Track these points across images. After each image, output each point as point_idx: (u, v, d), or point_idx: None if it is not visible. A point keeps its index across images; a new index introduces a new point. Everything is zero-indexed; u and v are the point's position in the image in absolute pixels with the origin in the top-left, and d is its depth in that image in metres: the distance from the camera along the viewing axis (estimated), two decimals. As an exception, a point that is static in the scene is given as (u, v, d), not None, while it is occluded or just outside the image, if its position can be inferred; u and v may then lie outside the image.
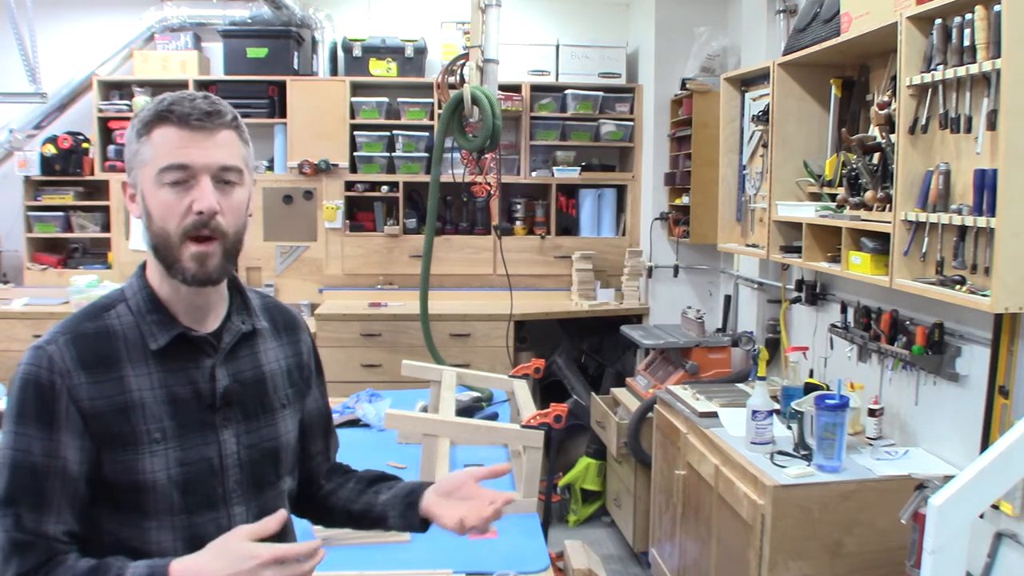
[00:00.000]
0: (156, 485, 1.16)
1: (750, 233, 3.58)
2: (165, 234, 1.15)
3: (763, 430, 2.65)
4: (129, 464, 1.15)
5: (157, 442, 1.16)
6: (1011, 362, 2.25)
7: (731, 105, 3.64)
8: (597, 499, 4.27)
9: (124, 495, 1.16)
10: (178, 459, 1.18)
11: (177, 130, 1.15)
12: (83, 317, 1.20)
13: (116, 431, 1.14)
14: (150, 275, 1.23)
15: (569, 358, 4.75)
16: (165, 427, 1.17)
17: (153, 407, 1.17)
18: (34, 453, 1.11)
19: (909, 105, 2.37)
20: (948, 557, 1.49)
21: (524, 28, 4.92)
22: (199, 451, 1.20)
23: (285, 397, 1.33)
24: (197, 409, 1.20)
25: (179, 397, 1.19)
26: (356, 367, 4.33)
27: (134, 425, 1.15)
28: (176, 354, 1.20)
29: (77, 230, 4.72)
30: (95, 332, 1.18)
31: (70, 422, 1.12)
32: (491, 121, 3.37)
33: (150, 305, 1.20)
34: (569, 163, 4.86)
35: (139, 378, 1.17)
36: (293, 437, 1.35)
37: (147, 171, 1.16)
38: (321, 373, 1.47)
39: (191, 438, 1.19)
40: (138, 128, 1.18)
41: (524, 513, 2.25)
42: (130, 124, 1.20)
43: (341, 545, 2.04)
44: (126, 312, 1.20)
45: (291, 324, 1.40)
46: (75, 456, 1.12)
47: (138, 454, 1.15)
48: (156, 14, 4.67)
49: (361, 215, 4.85)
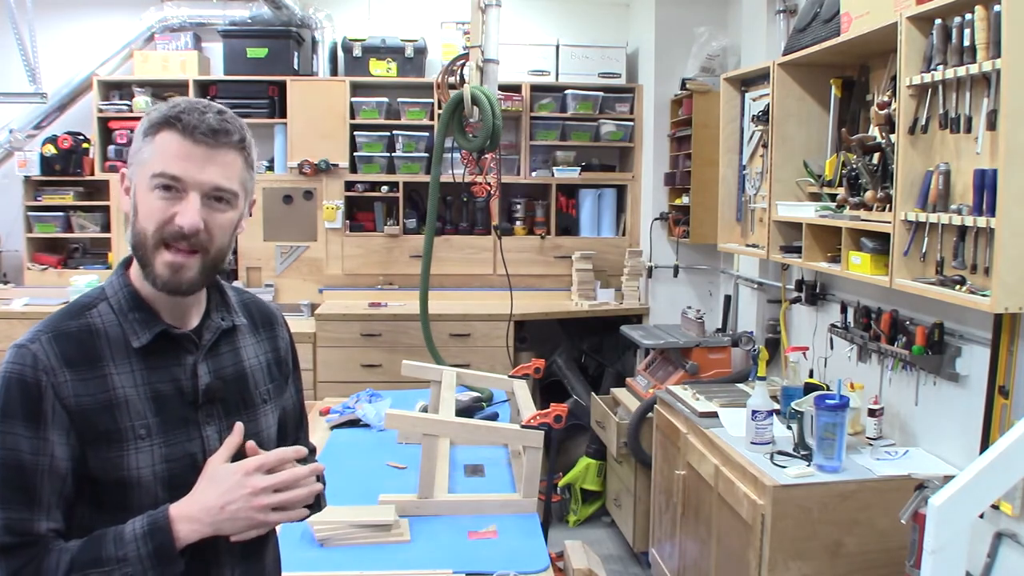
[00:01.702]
0: (141, 481, 1.16)
1: (750, 233, 3.58)
2: (144, 235, 1.16)
3: (763, 430, 2.65)
4: (115, 461, 1.15)
5: (142, 438, 1.16)
6: (1011, 362, 2.25)
7: (731, 105, 3.64)
8: (597, 499, 4.27)
9: (108, 492, 1.16)
10: (163, 455, 1.18)
11: (180, 139, 1.15)
12: (64, 316, 1.19)
13: (101, 428, 1.14)
14: (132, 273, 1.23)
15: (569, 358, 4.75)
16: (149, 424, 1.17)
17: (137, 404, 1.17)
18: (22, 451, 1.10)
19: (909, 105, 2.37)
20: (948, 557, 1.49)
21: (524, 28, 4.92)
22: (183, 447, 1.20)
23: (266, 392, 1.34)
24: (180, 406, 1.21)
25: (162, 394, 1.20)
26: (356, 367, 4.33)
27: (119, 422, 1.15)
28: (158, 352, 1.20)
29: (77, 230, 4.72)
30: (78, 330, 1.17)
31: (56, 419, 1.12)
32: (491, 121, 3.37)
33: (132, 303, 1.21)
34: (569, 163, 4.86)
35: (122, 375, 1.17)
36: (274, 432, 1.37)
37: (143, 171, 1.16)
38: (297, 366, 1.48)
39: (175, 434, 1.20)
40: (145, 127, 1.18)
41: (524, 513, 2.26)
42: (142, 118, 1.21)
43: (341, 545, 2.04)
44: (108, 311, 1.20)
45: (269, 319, 1.40)
46: (62, 453, 1.12)
47: (123, 451, 1.15)
48: (156, 14, 4.67)
49: (361, 215, 4.85)
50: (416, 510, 2.22)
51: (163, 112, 1.17)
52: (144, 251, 1.16)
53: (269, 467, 1.17)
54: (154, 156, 1.15)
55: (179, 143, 1.15)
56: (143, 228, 1.16)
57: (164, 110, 1.17)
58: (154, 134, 1.16)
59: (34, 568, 1.09)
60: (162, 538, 1.11)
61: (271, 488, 1.16)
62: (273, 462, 1.18)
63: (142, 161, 1.17)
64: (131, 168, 1.20)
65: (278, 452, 1.20)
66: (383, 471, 2.54)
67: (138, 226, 1.17)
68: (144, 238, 1.16)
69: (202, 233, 1.16)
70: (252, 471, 1.16)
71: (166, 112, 1.16)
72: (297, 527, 2.04)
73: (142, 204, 1.16)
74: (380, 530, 2.08)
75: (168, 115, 1.16)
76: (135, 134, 1.20)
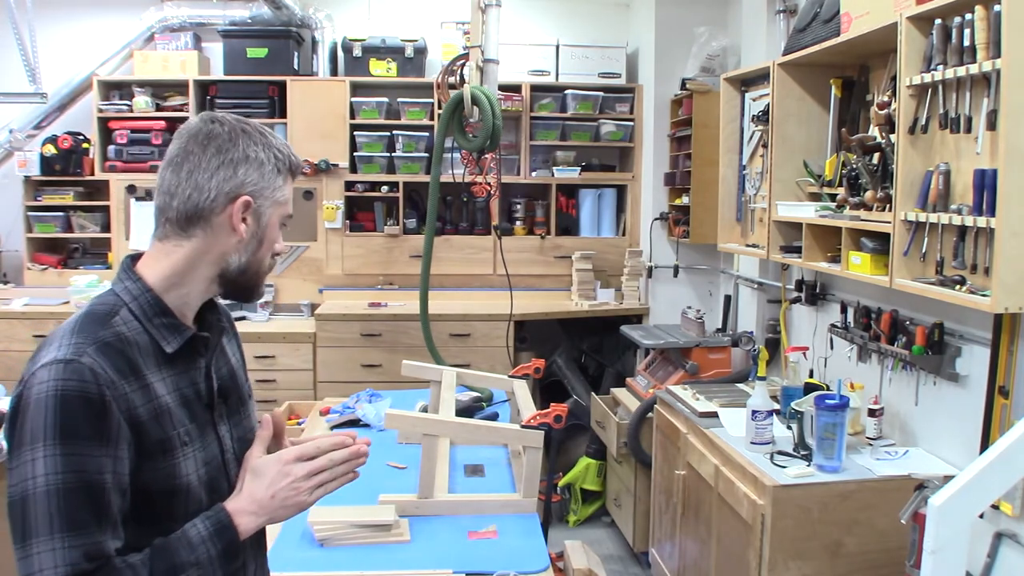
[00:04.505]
0: (190, 488, 1.17)
1: (750, 233, 3.58)
2: (262, 263, 1.28)
3: (763, 430, 2.65)
4: (168, 470, 1.15)
5: (186, 444, 1.18)
6: (1011, 362, 2.25)
7: (731, 105, 3.64)
8: (597, 499, 4.27)
9: (158, 502, 1.15)
10: (202, 459, 1.21)
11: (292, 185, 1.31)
12: (94, 325, 1.14)
13: (155, 438, 1.13)
14: (151, 279, 1.20)
15: (569, 358, 4.75)
16: (189, 429, 1.19)
17: (176, 411, 1.17)
18: (90, 472, 1.06)
19: (909, 105, 2.37)
20: (948, 557, 1.49)
21: (524, 28, 4.92)
22: (211, 449, 1.23)
23: (249, 387, 1.40)
24: (201, 409, 1.23)
25: (188, 399, 1.21)
26: (356, 367, 4.34)
27: (167, 430, 1.15)
28: (181, 357, 1.21)
29: (77, 230, 4.72)
30: (115, 340, 1.14)
31: (122, 434, 1.09)
32: (491, 121, 3.37)
33: (156, 309, 1.19)
34: (569, 163, 4.86)
35: (157, 384, 1.16)
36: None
37: (281, 210, 1.28)
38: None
39: (205, 438, 1.22)
40: (284, 168, 1.27)
41: (524, 513, 2.26)
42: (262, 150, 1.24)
43: (341, 545, 2.04)
44: (130, 318, 1.17)
45: (230, 317, 1.43)
46: (124, 468, 1.10)
47: (175, 459, 1.16)
48: (156, 14, 4.67)
49: (361, 215, 4.85)
50: (416, 510, 2.22)
51: (291, 159, 1.28)
52: (259, 276, 1.29)
53: (307, 456, 1.23)
54: (288, 199, 1.29)
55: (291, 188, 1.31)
56: (264, 256, 1.28)
57: (290, 154, 1.28)
58: (288, 177, 1.28)
59: None
60: (230, 536, 1.17)
61: (311, 473, 1.23)
62: (311, 452, 1.24)
63: (281, 201, 1.27)
64: (260, 202, 1.24)
65: (316, 442, 1.26)
66: (383, 471, 2.54)
67: (260, 254, 1.27)
68: (261, 265, 1.28)
69: None
70: (291, 460, 1.22)
71: (292, 159, 1.29)
72: (297, 527, 2.04)
73: (271, 237, 1.28)
74: (380, 530, 2.08)
75: (294, 165, 1.29)
76: (264, 168, 1.24)
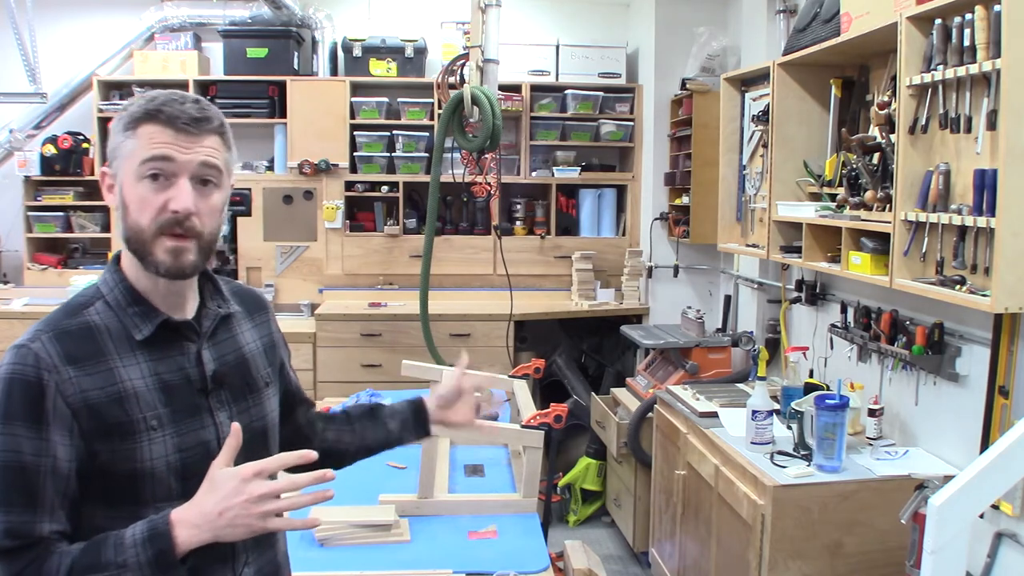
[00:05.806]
0: (155, 472, 1.17)
1: (750, 233, 3.58)
2: (139, 228, 1.17)
3: (763, 430, 2.65)
4: (127, 453, 1.15)
5: (154, 429, 1.17)
6: (1011, 362, 2.25)
7: (731, 105, 3.64)
8: (597, 499, 4.27)
9: (121, 486, 1.16)
10: (176, 445, 1.19)
11: (163, 129, 1.16)
12: (62, 315, 1.20)
13: (112, 421, 1.14)
14: (126, 268, 1.24)
15: (569, 358, 4.75)
16: (160, 414, 1.18)
17: (146, 396, 1.17)
18: (23, 452, 1.10)
19: (909, 105, 2.37)
20: (948, 557, 1.49)
21: (524, 28, 4.92)
22: (196, 436, 1.21)
23: (267, 375, 1.37)
24: (190, 394, 1.22)
25: (170, 384, 1.20)
26: (356, 367, 4.33)
27: (130, 414, 1.15)
28: (160, 343, 1.21)
29: (77, 230, 4.72)
30: (77, 328, 1.18)
31: (58, 418, 1.12)
32: (491, 121, 3.37)
33: (129, 298, 1.22)
34: (569, 163, 4.86)
35: (128, 368, 1.17)
36: (277, 414, 1.39)
37: (129, 163, 1.17)
38: (287, 346, 1.52)
39: (187, 424, 1.21)
40: (125, 122, 1.18)
41: (524, 513, 2.26)
42: (117, 116, 1.21)
43: (341, 545, 2.04)
44: (105, 308, 1.21)
45: (260, 305, 1.43)
46: (64, 454, 1.12)
47: (136, 442, 1.15)
48: (156, 14, 4.67)
49: (361, 215, 4.85)
50: (416, 510, 2.22)
51: (142, 106, 1.17)
52: (142, 243, 1.18)
53: (269, 472, 1.13)
54: (139, 147, 1.16)
55: (163, 133, 1.16)
56: (136, 220, 1.17)
57: (143, 104, 1.18)
58: (135, 128, 1.17)
59: (34, 571, 1.08)
60: (162, 544, 1.08)
61: (270, 495, 1.10)
62: (274, 467, 1.14)
63: (126, 154, 1.17)
64: (113, 164, 1.20)
65: (279, 457, 1.16)
66: (383, 471, 2.54)
67: (131, 219, 1.18)
68: (140, 230, 1.17)
69: (194, 218, 1.17)
70: (250, 477, 1.10)
71: (145, 106, 1.17)
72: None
73: (131, 196, 1.17)
74: (380, 530, 2.08)
75: (148, 108, 1.17)
76: (112, 129, 1.20)
